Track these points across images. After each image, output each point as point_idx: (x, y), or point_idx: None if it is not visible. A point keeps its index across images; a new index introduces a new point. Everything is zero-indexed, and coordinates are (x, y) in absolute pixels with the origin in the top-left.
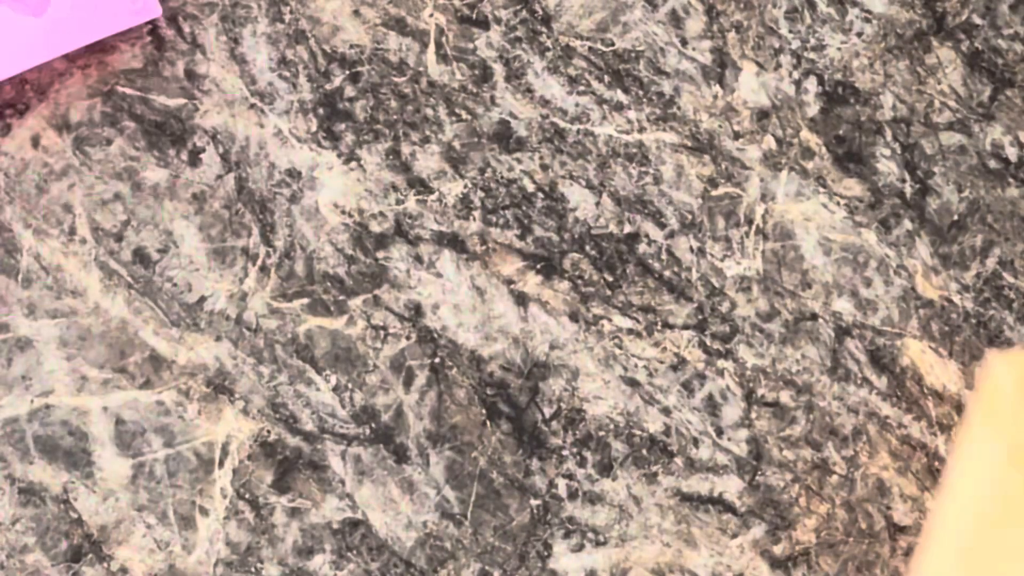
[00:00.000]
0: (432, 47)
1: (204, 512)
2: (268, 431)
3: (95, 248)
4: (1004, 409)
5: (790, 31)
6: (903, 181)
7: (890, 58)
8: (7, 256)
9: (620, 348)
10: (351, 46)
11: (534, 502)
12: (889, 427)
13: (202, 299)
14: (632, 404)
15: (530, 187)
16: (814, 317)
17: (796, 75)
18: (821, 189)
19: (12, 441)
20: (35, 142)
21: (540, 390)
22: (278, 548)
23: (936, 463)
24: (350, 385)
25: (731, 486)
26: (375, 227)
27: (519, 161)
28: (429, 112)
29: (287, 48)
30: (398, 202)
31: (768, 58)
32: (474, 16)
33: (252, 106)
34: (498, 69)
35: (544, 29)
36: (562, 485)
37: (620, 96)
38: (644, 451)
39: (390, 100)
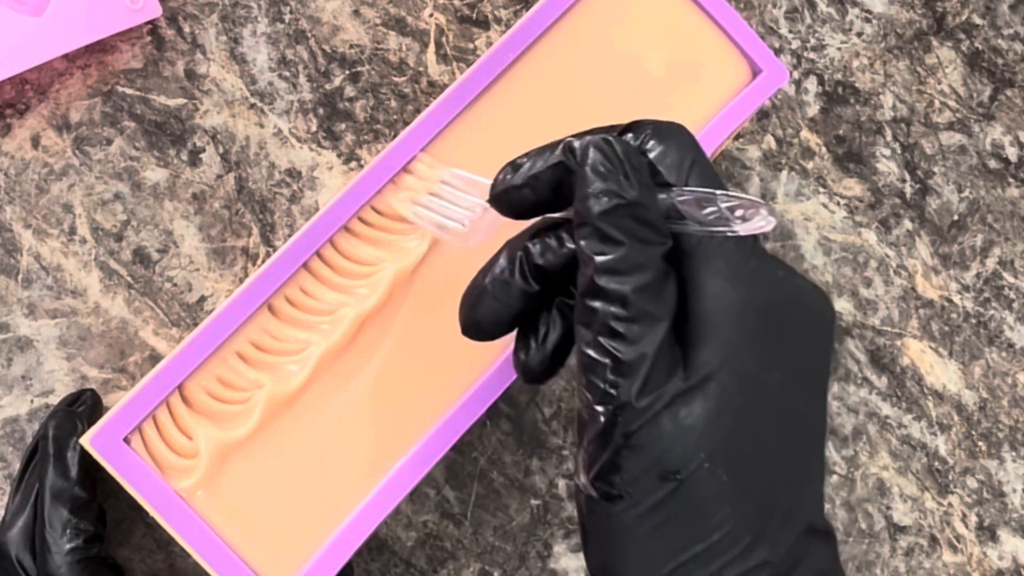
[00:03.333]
0: (432, 47)
1: None
2: None
3: (95, 248)
4: None
5: (790, 31)
6: (903, 181)
7: (890, 58)
8: (7, 256)
9: None
10: (351, 46)
11: (534, 502)
12: (889, 427)
13: (202, 299)
14: None
15: None
16: None
17: (796, 75)
18: (821, 189)
19: (12, 441)
20: (35, 142)
21: (540, 390)
22: None
23: (936, 463)
24: None
25: None
26: None
27: None
28: None
29: (287, 48)
30: None
31: None
32: (474, 16)
33: (252, 106)
34: None
35: None
36: (562, 485)
37: None
38: None
39: (390, 100)
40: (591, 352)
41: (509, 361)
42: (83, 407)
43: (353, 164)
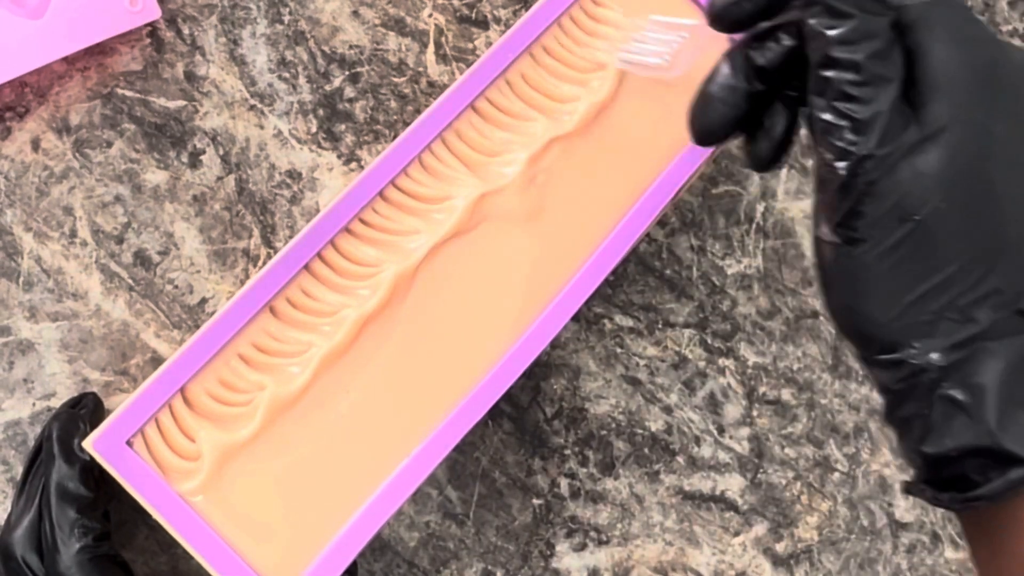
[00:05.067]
0: (432, 47)
1: None
2: None
3: (96, 251)
4: None
5: None
6: None
7: None
8: (8, 259)
9: (621, 347)
10: (350, 47)
11: (536, 501)
12: None
13: (203, 301)
14: (634, 403)
15: None
16: (815, 315)
17: None
18: None
19: (15, 444)
20: (35, 145)
21: (542, 389)
22: None
23: None
24: None
25: (733, 484)
26: None
27: None
28: None
29: (287, 49)
30: None
31: None
32: (473, 16)
33: (252, 107)
34: None
35: None
36: (564, 484)
37: None
38: (646, 450)
39: (390, 100)
40: (827, 116)
41: (511, 361)
42: (84, 410)
43: (353, 165)
